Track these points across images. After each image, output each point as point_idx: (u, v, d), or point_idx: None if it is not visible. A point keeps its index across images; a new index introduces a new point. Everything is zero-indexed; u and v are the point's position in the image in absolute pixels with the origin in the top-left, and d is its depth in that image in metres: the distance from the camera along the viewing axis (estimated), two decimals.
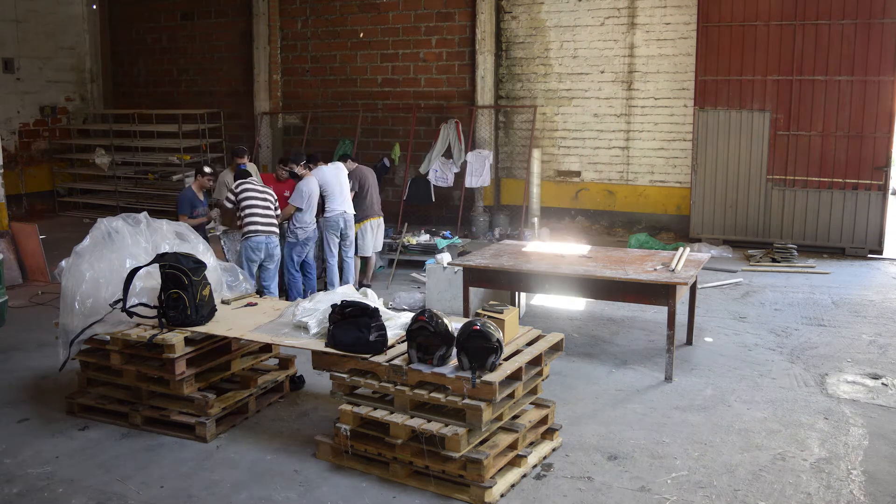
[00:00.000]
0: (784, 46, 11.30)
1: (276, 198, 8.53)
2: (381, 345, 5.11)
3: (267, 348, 6.26)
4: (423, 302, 8.71)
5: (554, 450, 5.32)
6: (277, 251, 8.48)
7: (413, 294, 9.12)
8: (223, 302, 6.26)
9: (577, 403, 6.14)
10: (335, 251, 9.25)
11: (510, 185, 13.83)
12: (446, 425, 4.67)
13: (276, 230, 8.46)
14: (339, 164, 9.50)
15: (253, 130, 15.29)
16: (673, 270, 6.77)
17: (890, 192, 11.37)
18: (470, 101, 13.68)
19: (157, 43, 16.54)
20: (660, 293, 6.56)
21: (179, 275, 5.59)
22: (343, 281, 9.31)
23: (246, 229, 8.27)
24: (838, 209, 11.31)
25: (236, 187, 8.42)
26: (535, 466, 5.09)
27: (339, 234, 9.22)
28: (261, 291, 8.32)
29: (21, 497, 4.84)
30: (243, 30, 15.45)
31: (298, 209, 8.70)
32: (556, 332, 5.65)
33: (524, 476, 4.97)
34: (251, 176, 8.65)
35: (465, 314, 7.41)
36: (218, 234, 8.96)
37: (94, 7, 16.50)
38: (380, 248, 10.02)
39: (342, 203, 9.18)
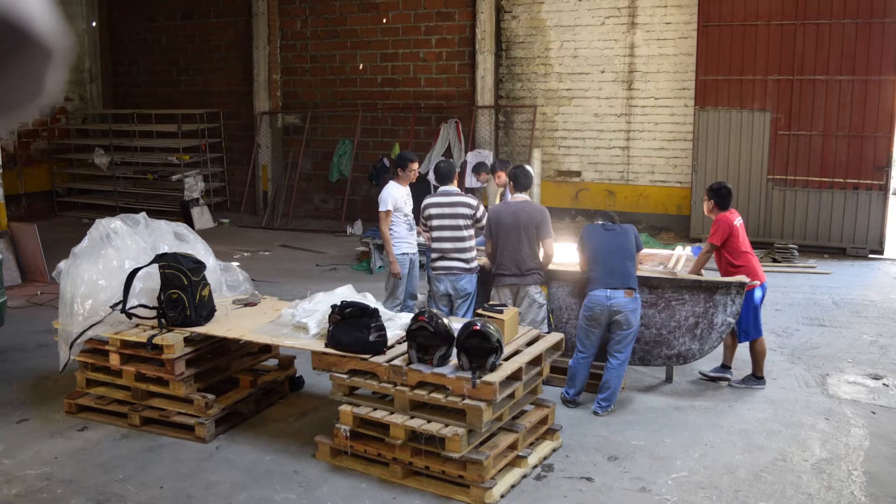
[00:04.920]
0: (784, 46, 11.28)
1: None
2: (381, 345, 5.09)
3: (266, 349, 6.25)
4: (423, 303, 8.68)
5: (554, 450, 5.31)
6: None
7: None
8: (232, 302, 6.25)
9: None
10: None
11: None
12: (446, 426, 4.66)
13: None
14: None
15: (253, 130, 15.28)
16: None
17: (891, 192, 11.35)
18: (470, 100, 13.66)
19: (156, 43, 16.52)
20: None
21: (179, 275, 5.58)
22: None
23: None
24: (839, 209, 11.29)
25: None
26: (535, 467, 5.07)
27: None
28: None
29: (20, 498, 4.82)
30: (243, 29, 15.43)
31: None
32: (555, 332, 5.64)
33: (524, 477, 4.95)
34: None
35: None
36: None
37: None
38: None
39: None
